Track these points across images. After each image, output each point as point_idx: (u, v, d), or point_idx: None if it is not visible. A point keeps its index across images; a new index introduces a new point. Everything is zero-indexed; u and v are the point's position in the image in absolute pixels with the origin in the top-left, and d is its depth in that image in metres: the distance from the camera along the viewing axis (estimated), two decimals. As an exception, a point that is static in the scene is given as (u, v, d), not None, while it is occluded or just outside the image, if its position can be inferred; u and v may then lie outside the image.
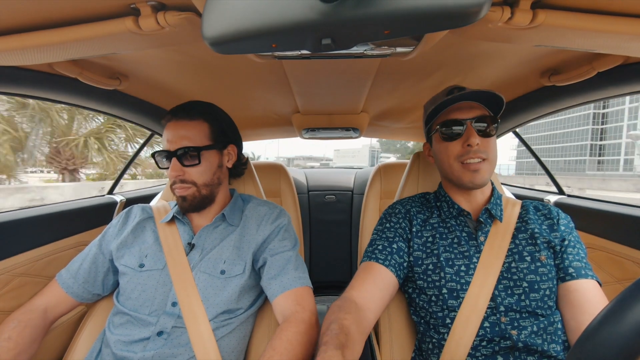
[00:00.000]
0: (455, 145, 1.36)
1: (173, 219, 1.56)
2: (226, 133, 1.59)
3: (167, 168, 1.45)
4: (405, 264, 1.40)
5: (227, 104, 1.61)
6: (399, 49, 1.28)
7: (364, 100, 2.14)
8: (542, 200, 2.36)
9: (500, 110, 1.38)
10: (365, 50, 1.28)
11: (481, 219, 1.39)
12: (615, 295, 0.58)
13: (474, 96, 1.35)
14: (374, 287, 1.31)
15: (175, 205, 1.59)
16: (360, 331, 1.13)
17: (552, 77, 1.60)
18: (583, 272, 1.27)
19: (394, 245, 1.41)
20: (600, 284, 1.26)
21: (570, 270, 1.27)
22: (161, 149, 1.48)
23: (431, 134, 1.49)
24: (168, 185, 2.02)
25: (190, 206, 1.48)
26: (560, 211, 1.43)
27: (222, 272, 1.41)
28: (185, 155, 1.43)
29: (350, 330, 1.06)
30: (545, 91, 1.82)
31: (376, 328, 1.56)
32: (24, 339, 1.28)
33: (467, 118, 1.34)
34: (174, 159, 1.42)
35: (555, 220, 1.38)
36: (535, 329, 1.20)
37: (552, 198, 2.33)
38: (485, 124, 1.34)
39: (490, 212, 1.39)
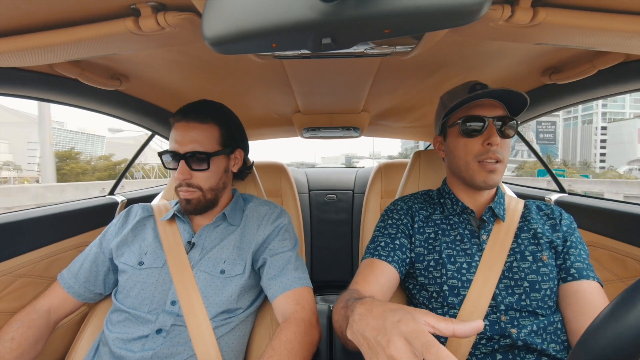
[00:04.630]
0: (474, 142, 1.35)
1: (173, 218, 1.56)
2: (235, 137, 1.58)
3: (174, 169, 1.45)
4: (407, 260, 1.40)
5: (227, 104, 1.61)
6: (399, 48, 1.28)
7: (365, 99, 2.14)
8: (543, 198, 2.36)
9: (519, 111, 1.38)
10: (365, 49, 1.27)
11: (484, 218, 1.39)
12: (617, 294, 0.58)
13: (498, 94, 1.34)
14: (377, 283, 1.31)
15: (176, 203, 1.59)
16: None
17: (552, 75, 1.60)
18: (585, 273, 1.26)
19: (397, 242, 1.41)
20: (601, 285, 1.26)
21: (572, 271, 1.27)
22: (168, 148, 1.47)
23: (447, 128, 1.47)
24: (169, 185, 2.03)
25: (194, 209, 1.47)
26: (563, 211, 1.43)
27: (222, 271, 1.41)
28: (194, 160, 1.42)
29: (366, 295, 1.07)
30: (546, 89, 1.81)
31: None
32: (27, 339, 1.29)
33: (489, 116, 1.33)
34: (182, 162, 1.41)
35: (557, 220, 1.38)
36: (534, 328, 1.20)
37: (554, 196, 2.33)
38: (505, 125, 1.34)
39: (494, 211, 1.39)
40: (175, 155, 1.43)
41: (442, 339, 1.26)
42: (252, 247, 1.48)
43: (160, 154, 1.49)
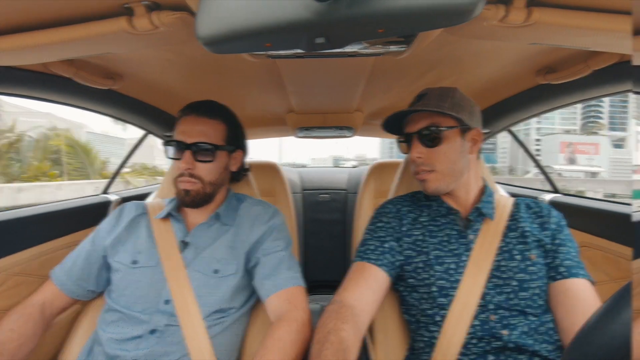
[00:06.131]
0: (411, 155, 1.41)
1: (167, 216, 1.55)
2: (238, 137, 1.61)
3: (176, 159, 1.46)
4: (397, 263, 1.40)
5: (221, 103, 1.61)
6: (392, 48, 1.28)
7: (358, 99, 2.14)
8: (536, 199, 2.36)
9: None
10: (359, 49, 1.27)
11: (470, 218, 1.39)
12: (611, 294, 0.59)
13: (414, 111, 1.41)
14: (368, 289, 1.31)
15: (170, 202, 1.59)
16: (356, 339, 1.13)
17: (547, 75, 1.60)
18: (574, 270, 1.27)
19: (386, 245, 1.41)
20: (593, 282, 1.26)
21: (562, 269, 1.27)
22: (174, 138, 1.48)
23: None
24: (164, 184, 2.02)
25: (192, 201, 1.47)
26: (552, 208, 1.44)
27: (216, 271, 1.41)
28: (200, 151, 1.43)
29: (349, 344, 1.07)
30: (540, 89, 1.81)
31: (370, 327, 1.55)
32: (26, 331, 1.30)
33: (413, 132, 1.40)
34: (187, 152, 1.42)
35: (546, 218, 1.39)
36: (526, 329, 1.20)
37: (547, 196, 2.33)
38: (425, 135, 1.38)
39: (481, 211, 1.39)
40: (181, 145, 1.43)
41: (434, 340, 1.27)
42: (245, 247, 1.48)
43: (165, 144, 1.50)
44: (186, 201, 1.47)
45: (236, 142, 1.59)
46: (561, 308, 1.23)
